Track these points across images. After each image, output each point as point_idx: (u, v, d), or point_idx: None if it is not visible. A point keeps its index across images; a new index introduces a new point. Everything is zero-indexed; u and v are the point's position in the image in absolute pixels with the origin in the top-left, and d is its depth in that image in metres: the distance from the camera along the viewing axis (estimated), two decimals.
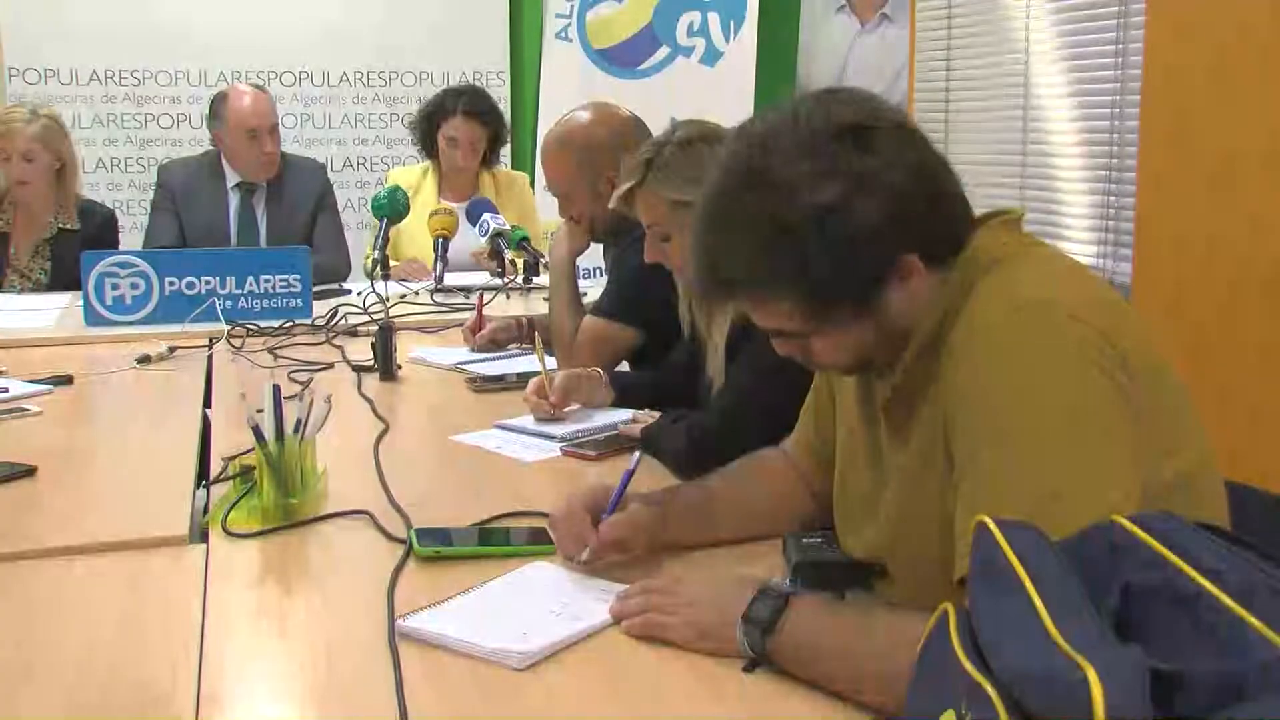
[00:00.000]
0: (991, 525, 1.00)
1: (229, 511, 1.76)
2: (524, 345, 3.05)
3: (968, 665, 0.89)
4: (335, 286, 3.90)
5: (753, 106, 5.52)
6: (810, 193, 1.28)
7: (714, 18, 5.69)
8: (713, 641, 1.33)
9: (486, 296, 3.58)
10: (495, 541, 1.67)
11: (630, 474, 1.60)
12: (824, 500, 1.64)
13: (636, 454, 1.63)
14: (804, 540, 1.58)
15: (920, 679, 0.99)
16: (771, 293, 1.34)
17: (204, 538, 1.73)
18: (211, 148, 4.26)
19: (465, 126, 4.18)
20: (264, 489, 1.78)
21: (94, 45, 5.30)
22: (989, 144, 4.11)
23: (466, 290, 3.74)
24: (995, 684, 0.84)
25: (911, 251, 1.31)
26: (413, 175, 4.30)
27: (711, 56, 5.68)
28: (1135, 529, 0.95)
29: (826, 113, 1.32)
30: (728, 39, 5.68)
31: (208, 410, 2.50)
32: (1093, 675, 0.73)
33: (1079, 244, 3.58)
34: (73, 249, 3.76)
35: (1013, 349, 1.26)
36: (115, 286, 3.31)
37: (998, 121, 4.08)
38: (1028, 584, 0.92)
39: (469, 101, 4.20)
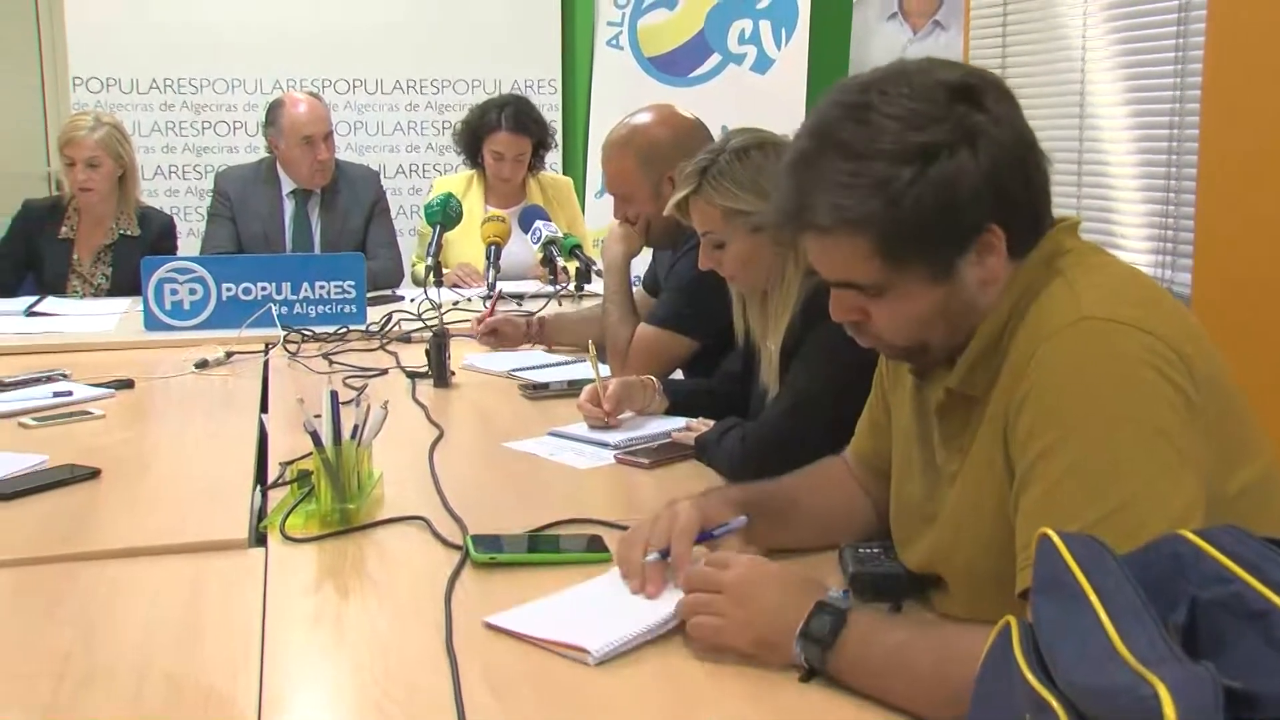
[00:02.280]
0: (1054, 537, 0.99)
1: (287, 516, 1.78)
2: (534, 346, 3.12)
3: (1031, 679, 0.88)
4: (388, 293, 3.94)
5: (804, 114, 5.50)
6: (917, 130, 1.26)
7: (765, 25, 5.67)
8: (771, 653, 1.32)
9: (538, 304, 3.63)
10: (548, 549, 1.68)
11: (730, 531, 1.57)
12: (883, 511, 1.64)
13: (743, 520, 1.59)
14: (860, 551, 1.57)
15: (983, 693, 0.99)
16: (853, 228, 1.29)
17: (262, 542, 1.75)
18: (267, 155, 4.31)
19: (510, 140, 4.19)
20: (321, 494, 1.80)
21: (154, 54, 5.38)
22: (1044, 151, 4.07)
23: (519, 297, 3.76)
24: (1060, 698, 0.83)
25: (999, 222, 1.29)
26: (459, 183, 4.32)
27: (763, 64, 5.66)
28: (1201, 542, 0.94)
29: (936, 70, 1.31)
30: (779, 46, 5.66)
31: (264, 415, 2.53)
32: (1164, 692, 0.72)
33: (1136, 252, 3.54)
34: (133, 254, 3.82)
35: (1077, 359, 1.24)
36: (174, 292, 3.35)
37: (1053, 129, 4.04)
38: (1092, 597, 0.91)
39: (513, 115, 4.19)
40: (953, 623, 1.29)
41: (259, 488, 2.00)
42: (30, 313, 3.57)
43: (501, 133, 4.19)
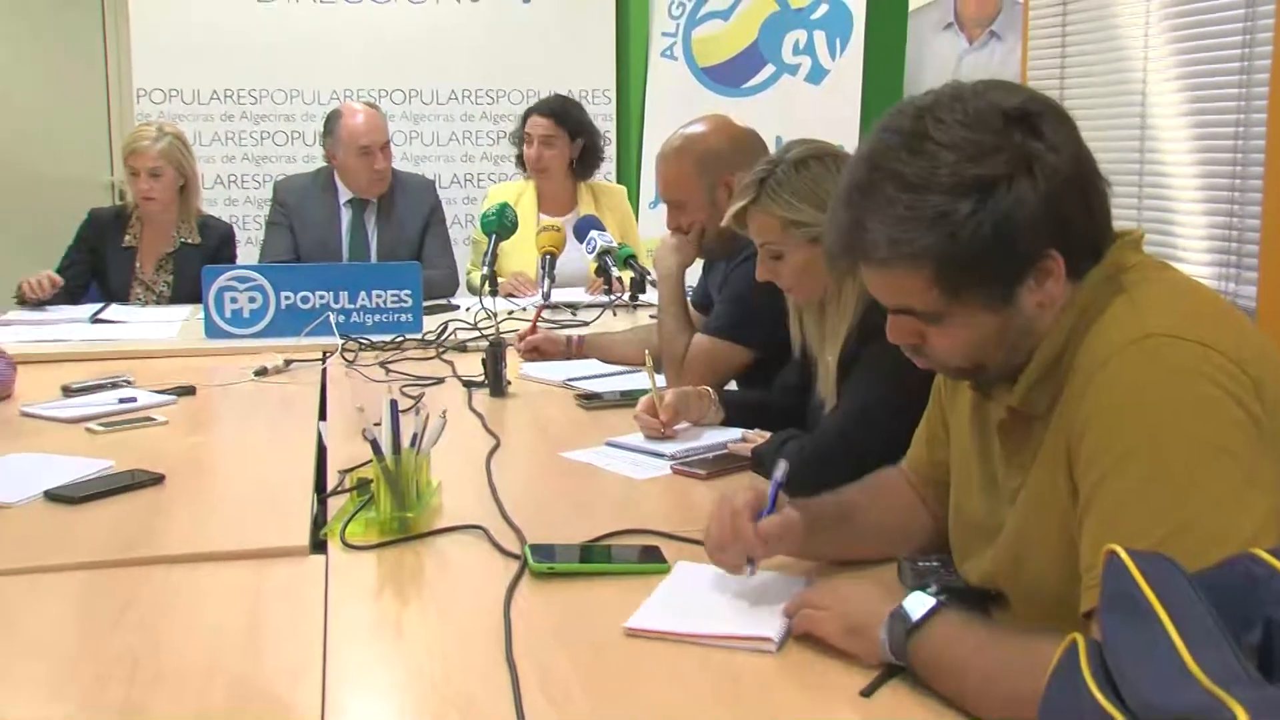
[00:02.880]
0: (1123, 555, 0.98)
1: (347, 524, 1.79)
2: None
3: (1101, 699, 0.87)
4: (444, 302, 3.97)
5: (858, 125, 5.48)
6: (973, 162, 1.25)
7: (820, 36, 5.66)
8: (858, 640, 1.33)
9: (590, 314, 3.64)
10: (607, 559, 1.68)
11: (779, 484, 1.58)
12: (941, 522, 1.63)
13: (783, 464, 1.62)
14: (920, 564, 1.57)
15: (1048, 711, 0.98)
16: (910, 261, 1.29)
17: (322, 549, 1.76)
18: (325, 164, 4.36)
19: (536, 120, 4.28)
20: (381, 502, 1.81)
21: (215, 66, 5.46)
22: (1105, 162, 3.99)
23: (572, 306, 3.78)
24: (1131, 718, 0.83)
25: (1058, 248, 1.29)
26: (512, 191, 4.35)
27: (817, 74, 5.65)
28: (1275, 561, 0.93)
29: (992, 94, 1.30)
30: (834, 57, 5.64)
31: (322, 423, 2.55)
32: (1243, 715, 0.72)
33: (1199, 265, 3.49)
34: (194, 263, 3.88)
35: (1141, 376, 1.23)
36: (234, 300, 3.40)
37: (1114, 140, 3.99)
38: (1162, 615, 0.90)
39: (544, 100, 4.34)
40: (1033, 630, 1.27)
41: (318, 495, 2.02)
42: (95, 320, 3.63)
43: (532, 116, 4.30)
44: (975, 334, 1.33)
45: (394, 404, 1.84)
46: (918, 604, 1.29)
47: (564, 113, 4.30)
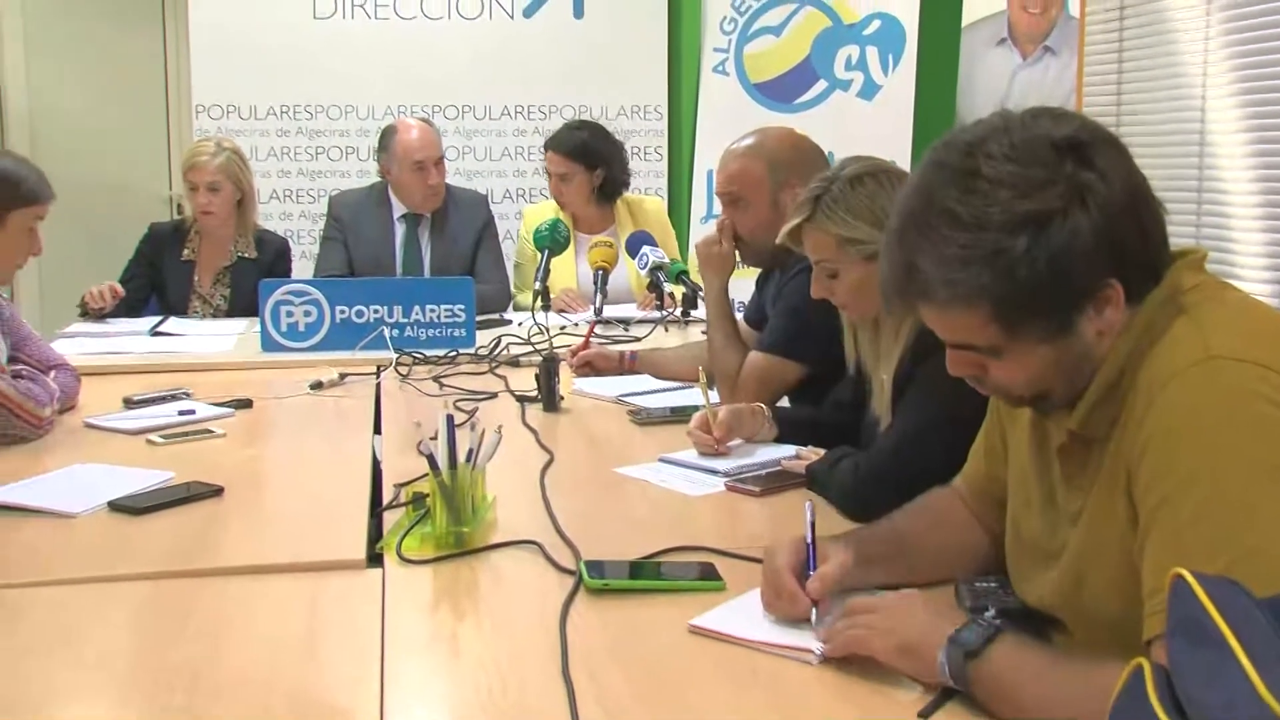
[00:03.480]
0: (1190, 579, 0.97)
1: (403, 538, 1.81)
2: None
3: None
4: (496, 316, 3.98)
5: (910, 141, 5.47)
6: (1026, 198, 1.24)
7: (872, 51, 5.65)
8: (912, 660, 1.32)
9: (642, 329, 3.65)
10: (662, 576, 1.68)
11: (813, 526, 1.58)
12: (999, 541, 1.61)
13: (809, 505, 1.61)
14: (978, 585, 1.55)
15: None
16: (968, 301, 1.28)
17: (378, 562, 1.78)
18: (379, 179, 4.40)
19: (551, 157, 4.29)
20: (437, 517, 1.82)
21: (271, 81, 5.53)
22: (1163, 180, 3.98)
23: (624, 322, 3.79)
24: None
25: (1115, 276, 1.28)
26: (546, 211, 4.35)
27: (870, 90, 5.64)
28: None
29: (1040, 124, 1.29)
30: (886, 73, 5.63)
31: (376, 436, 2.57)
32: None
33: (1258, 283, 3.45)
34: (250, 276, 3.93)
35: (1205, 399, 1.22)
36: (290, 314, 3.43)
37: (1172, 157, 3.95)
38: (1232, 640, 0.89)
39: (555, 137, 4.31)
40: (1097, 656, 1.26)
41: (373, 508, 2.04)
42: (154, 332, 3.69)
43: (548, 150, 4.32)
44: (1036, 365, 1.33)
45: (450, 419, 1.85)
46: (977, 630, 1.28)
47: (578, 147, 4.25)
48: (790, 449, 2.31)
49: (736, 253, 2.87)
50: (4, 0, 6.20)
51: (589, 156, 4.24)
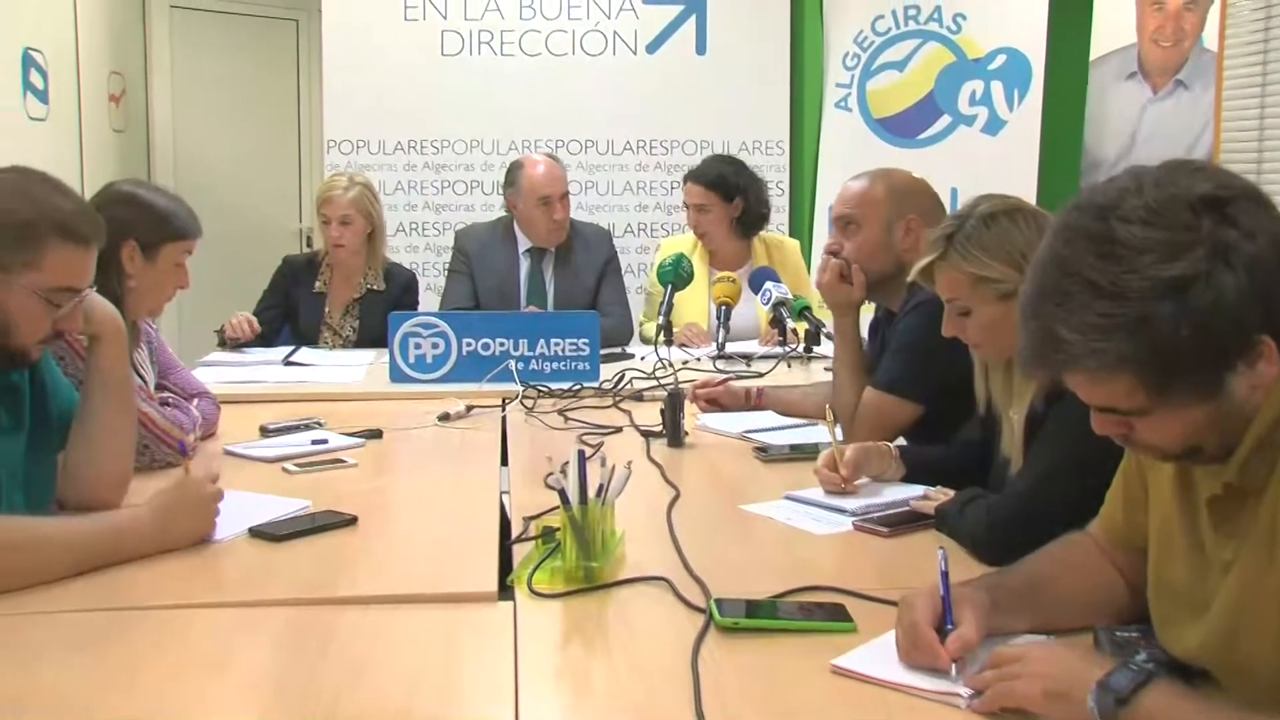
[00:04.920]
0: None
1: (534, 571, 1.82)
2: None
3: None
4: (618, 350, 4.01)
5: (1036, 177, 5.38)
6: (1166, 262, 1.22)
7: (997, 86, 5.59)
8: (1061, 706, 1.30)
9: (764, 365, 3.64)
10: (793, 616, 1.67)
11: (946, 576, 1.56)
12: (1137, 592, 1.57)
13: (941, 554, 1.59)
14: (1118, 635, 1.52)
15: None
16: (1113, 369, 1.26)
17: (509, 594, 1.80)
18: (505, 213, 4.47)
19: (689, 188, 4.32)
20: (567, 551, 1.84)
21: (400, 117, 5.68)
22: None
23: (746, 357, 3.78)
24: None
25: (1266, 332, 1.24)
26: (686, 243, 4.38)
27: (994, 125, 5.57)
28: None
29: (1177, 181, 1.26)
30: (1011, 108, 5.56)
31: (503, 468, 2.60)
32: None
33: None
34: (378, 308, 4.02)
35: None
36: (418, 346, 3.50)
37: None
38: None
39: (696, 169, 4.36)
40: (1254, 708, 1.22)
41: (502, 541, 2.06)
42: (287, 362, 3.79)
43: (687, 182, 4.35)
44: (1185, 424, 1.30)
45: (581, 454, 1.87)
46: (1128, 674, 1.25)
47: (716, 179, 4.27)
48: (918, 489, 2.28)
49: (859, 288, 2.84)
50: (154, 38, 6.46)
51: (727, 189, 4.27)
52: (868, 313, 2.96)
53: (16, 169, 1.98)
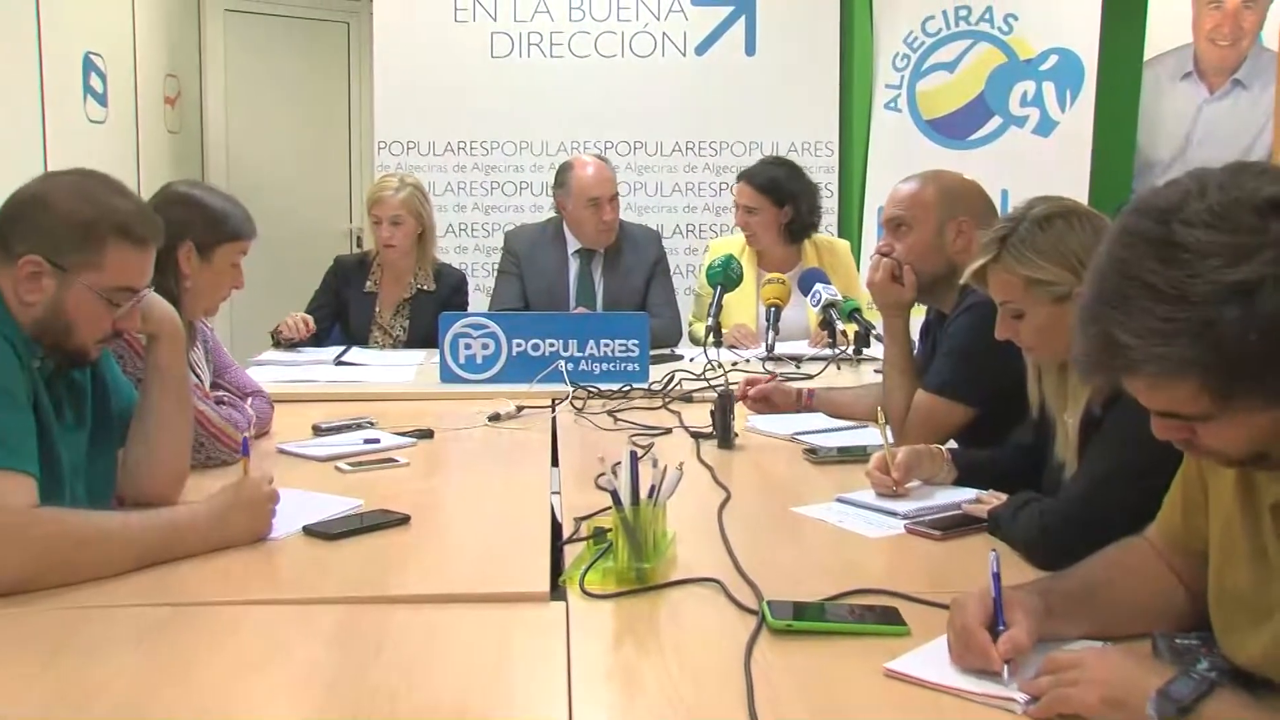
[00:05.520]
0: None
1: (586, 572, 1.83)
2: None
3: None
4: (667, 351, 4.01)
5: (1088, 178, 5.33)
6: (1232, 266, 1.20)
7: (1049, 87, 5.54)
8: (1119, 713, 1.28)
9: (814, 367, 3.63)
10: (846, 619, 1.66)
11: (998, 578, 1.55)
12: (1195, 598, 1.56)
13: (994, 556, 1.58)
14: (1177, 642, 1.50)
15: None
16: (1177, 375, 1.24)
17: (560, 595, 1.80)
18: (554, 214, 4.49)
19: (740, 189, 4.31)
20: (619, 552, 1.84)
21: (449, 119, 5.72)
22: None
23: (795, 359, 3.77)
24: None
25: None
26: (735, 245, 4.37)
27: (1046, 126, 5.52)
28: None
29: (1242, 184, 1.24)
30: (1063, 109, 5.51)
31: (554, 468, 2.61)
32: None
33: None
34: (428, 309, 4.05)
35: None
36: (468, 346, 3.52)
37: None
38: None
39: (749, 169, 4.35)
40: None
41: (554, 541, 2.07)
42: (339, 362, 3.82)
43: (739, 182, 4.35)
44: (1250, 430, 1.28)
45: (633, 455, 1.87)
46: (1189, 683, 1.24)
47: (767, 182, 4.26)
48: (970, 492, 2.27)
49: (910, 288, 2.82)
50: (208, 41, 6.55)
51: (778, 193, 4.25)
52: (917, 316, 2.94)
53: (78, 171, 2.02)
